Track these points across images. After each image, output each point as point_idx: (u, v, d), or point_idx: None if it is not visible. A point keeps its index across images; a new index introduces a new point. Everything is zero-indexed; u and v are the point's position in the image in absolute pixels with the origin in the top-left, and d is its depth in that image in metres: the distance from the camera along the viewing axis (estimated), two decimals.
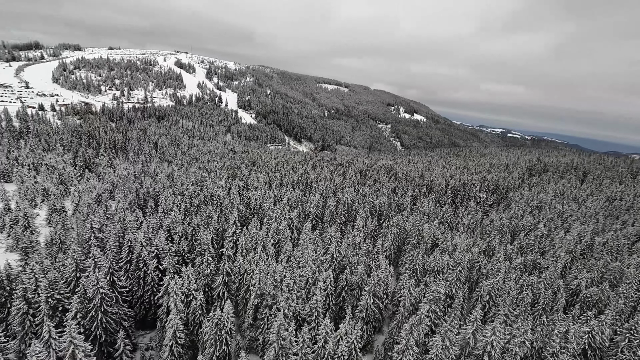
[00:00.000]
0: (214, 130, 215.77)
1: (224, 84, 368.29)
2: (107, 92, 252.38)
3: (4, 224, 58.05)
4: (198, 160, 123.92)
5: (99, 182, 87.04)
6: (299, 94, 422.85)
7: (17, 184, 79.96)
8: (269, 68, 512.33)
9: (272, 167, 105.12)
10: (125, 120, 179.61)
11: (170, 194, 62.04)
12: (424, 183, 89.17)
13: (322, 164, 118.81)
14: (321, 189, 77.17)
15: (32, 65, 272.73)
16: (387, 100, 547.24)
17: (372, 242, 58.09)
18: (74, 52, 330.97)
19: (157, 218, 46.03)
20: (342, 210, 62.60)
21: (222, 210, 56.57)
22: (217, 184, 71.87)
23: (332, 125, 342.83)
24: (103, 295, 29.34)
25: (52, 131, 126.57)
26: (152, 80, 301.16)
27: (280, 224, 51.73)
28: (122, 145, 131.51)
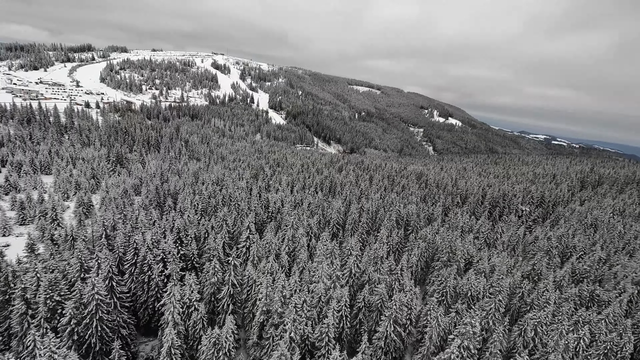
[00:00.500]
0: (244, 130, 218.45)
1: (256, 84, 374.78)
2: (148, 92, 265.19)
3: (34, 215, 59.79)
4: (224, 159, 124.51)
5: (129, 178, 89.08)
6: (329, 96, 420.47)
7: (54, 176, 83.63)
8: (301, 69, 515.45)
9: (296, 169, 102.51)
10: (161, 118, 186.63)
11: (190, 192, 60.98)
12: (458, 192, 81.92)
13: (349, 167, 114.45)
14: (345, 194, 72.99)
15: (84, 66, 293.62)
16: (421, 103, 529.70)
17: (396, 255, 53.07)
18: (121, 54, 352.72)
19: (171, 218, 44.53)
20: (365, 219, 58.06)
21: (239, 212, 54.31)
22: (238, 184, 70.16)
23: (362, 127, 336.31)
24: (99, 301, 27.47)
25: (93, 127, 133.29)
26: (189, 81, 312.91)
27: (297, 230, 48.33)
28: (155, 142, 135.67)
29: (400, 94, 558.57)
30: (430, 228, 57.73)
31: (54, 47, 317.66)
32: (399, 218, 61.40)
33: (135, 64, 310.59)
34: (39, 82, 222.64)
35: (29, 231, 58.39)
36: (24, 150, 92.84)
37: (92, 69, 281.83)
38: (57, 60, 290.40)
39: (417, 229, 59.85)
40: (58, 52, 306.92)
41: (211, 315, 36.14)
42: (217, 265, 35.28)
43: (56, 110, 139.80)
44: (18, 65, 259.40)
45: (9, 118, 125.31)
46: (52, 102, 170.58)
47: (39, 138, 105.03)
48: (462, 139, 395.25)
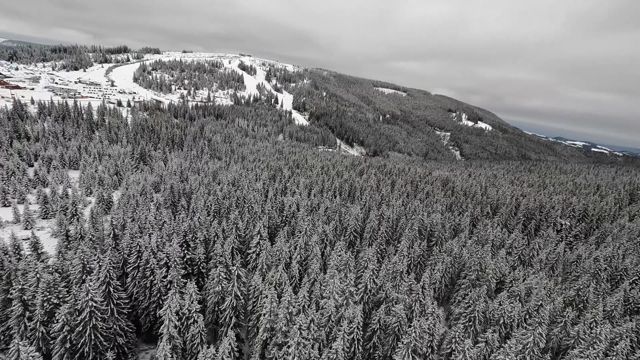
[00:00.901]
0: (267, 130, 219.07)
1: (281, 85, 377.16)
2: (176, 91, 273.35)
3: (56, 210, 60.84)
4: (245, 159, 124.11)
5: (150, 175, 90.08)
6: (354, 97, 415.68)
7: (80, 172, 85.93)
8: (326, 71, 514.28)
9: (315, 171, 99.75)
10: (187, 117, 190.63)
11: (204, 193, 59.73)
12: (488, 201, 75.68)
13: (370, 170, 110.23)
14: (365, 199, 69.24)
15: (119, 66, 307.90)
16: (448, 106, 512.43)
17: (417, 269, 48.80)
18: (154, 55, 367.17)
19: (180, 220, 43.05)
20: (385, 227, 54.11)
21: (252, 215, 52.17)
22: (254, 185, 68.34)
23: (386, 130, 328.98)
24: (94, 309, 25.84)
25: (122, 125, 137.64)
26: (216, 81, 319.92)
27: (311, 238, 45.37)
28: (179, 140, 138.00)
29: (427, 97, 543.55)
30: (456, 240, 52.86)
31: (94, 49, 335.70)
32: (422, 228, 56.89)
33: (166, 65, 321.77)
34: (78, 82, 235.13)
35: (50, 225, 59.46)
36: (55, 146, 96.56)
37: (127, 70, 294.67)
38: (95, 61, 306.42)
39: (442, 240, 55.10)
40: (97, 53, 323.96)
41: (214, 326, 33.94)
42: (222, 273, 33.00)
43: (89, 108, 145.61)
44: (61, 65, 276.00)
45: (47, 115, 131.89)
46: (87, 101, 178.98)
47: (71, 134, 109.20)
48: (492, 144, 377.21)
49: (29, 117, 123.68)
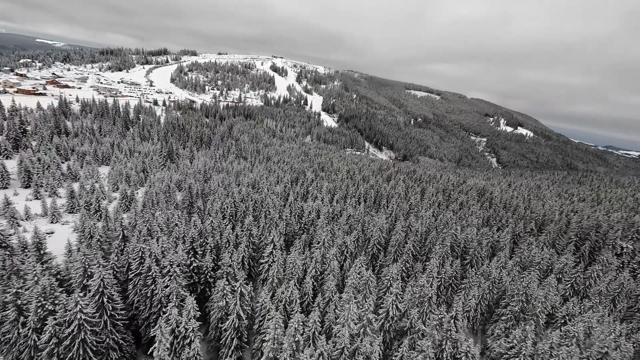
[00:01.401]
0: (295, 131, 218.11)
1: (311, 87, 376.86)
2: (210, 92, 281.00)
3: (81, 205, 61.67)
4: (269, 160, 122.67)
5: (175, 173, 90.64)
6: (385, 100, 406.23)
7: (110, 168, 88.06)
8: (357, 73, 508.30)
9: (340, 175, 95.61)
10: (218, 117, 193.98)
11: (222, 194, 57.71)
12: (532, 217, 67.42)
13: (399, 176, 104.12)
14: (391, 208, 64.07)
15: (158, 67, 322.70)
16: (485, 110, 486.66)
17: (449, 292, 43.13)
18: (191, 57, 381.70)
19: (192, 223, 40.86)
20: (413, 241, 48.84)
21: (268, 221, 49.13)
22: (274, 188, 65.54)
23: (417, 134, 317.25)
24: (83, 321, 23.65)
25: (155, 122, 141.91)
26: (248, 82, 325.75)
27: (330, 250, 41.35)
28: (207, 139, 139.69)
29: (462, 100, 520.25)
30: (495, 261, 46.43)
31: (137, 51, 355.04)
32: (455, 244, 50.89)
33: (201, 66, 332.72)
34: (120, 82, 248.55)
35: (74, 220, 60.17)
36: (91, 142, 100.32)
37: (165, 71, 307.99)
38: (138, 62, 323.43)
39: (478, 260, 48.80)
40: (139, 55, 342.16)
41: (216, 343, 30.96)
42: (226, 287, 29.94)
43: (127, 106, 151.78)
44: (107, 67, 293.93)
45: (88, 112, 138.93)
46: (126, 100, 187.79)
47: (106, 131, 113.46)
48: (533, 152, 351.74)
49: (72, 114, 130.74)
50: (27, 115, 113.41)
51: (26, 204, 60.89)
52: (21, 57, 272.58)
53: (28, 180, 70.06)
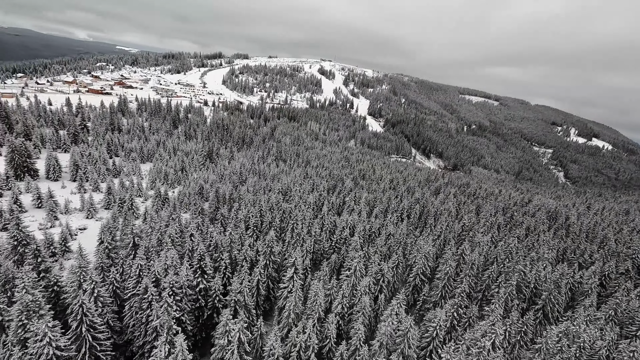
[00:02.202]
0: (338, 135, 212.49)
1: (358, 90, 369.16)
2: (257, 94, 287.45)
3: (115, 201, 61.72)
4: (308, 164, 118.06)
5: (212, 174, 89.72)
6: (436, 105, 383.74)
7: (152, 165, 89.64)
8: (407, 76, 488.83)
9: (382, 185, 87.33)
10: (262, 118, 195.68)
11: (250, 201, 53.38)
12: (628, 253, 53.22)
13: (449, 189, 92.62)
14: (439, 228, 54.76)
15: (212, 70, 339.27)
16: (552, 118, 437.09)
17: (516, 349, 33.43)
18: (243, 60, 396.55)
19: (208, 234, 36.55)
20: (467, 275, 39.69)
21: (294, 236, 43.38)
22: (306, 197, 59.87)
23: (470, 142, 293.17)
24: (52, 356, 19.67)
25: (201, 122, 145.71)
26: (295, 85, 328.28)
27: (362, 281, 34.27)
28: (249, 140, 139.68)
29: (524, 107, 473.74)
30: (580, 314, 35.48)
31: (195, 55, 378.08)
32: (523, 284, 40.54)
33: (252, 69, 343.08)
34: (177, 83, 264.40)
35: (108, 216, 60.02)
36: (139, 139, 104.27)
37: (218, 73, 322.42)
38: (194, 65, 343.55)
39: (554, 308, 38.02)
40: (197, 59, 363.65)
41: None
42: (229, 322, 24.53)
43: (178, 106, 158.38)
44: (167, 69, 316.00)
45: (143, 111, 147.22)
46: (180, 100, 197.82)
47: (155, 129, 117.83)
48: (612, 167, 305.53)
49: (129, 112, 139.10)
50: (90, 112, 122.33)
51: (67, 198, 62.54)
52: (98, 61, 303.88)
53: (76, 174, 72.85)
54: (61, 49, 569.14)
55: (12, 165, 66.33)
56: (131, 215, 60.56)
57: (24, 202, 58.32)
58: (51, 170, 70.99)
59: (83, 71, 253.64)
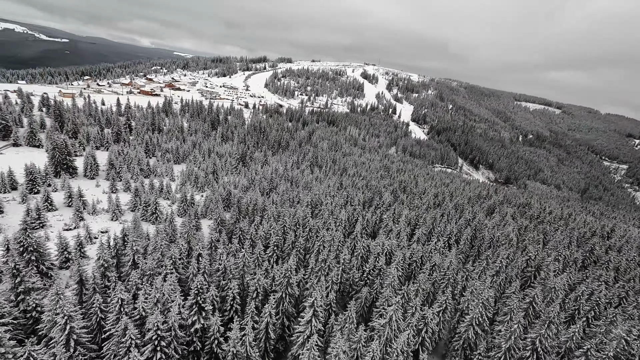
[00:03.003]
0: (379, 141, 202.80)
1: (402, 95, 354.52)
2: (298, 97, 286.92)
3: (138, 205, 59.82)
4: (345, 172, 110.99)
5: (243, 178, 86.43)
6: (487, 112, 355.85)
7: (185, 166, 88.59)
8: (455, 81, 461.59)
9: (426, 200, 77.45)
10: (301, 122, 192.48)
11: (273, 214, 47.68)
12: None
13: (505, 209, 79.93)
14: (498, 263, 44.58)
15: (256, 74, 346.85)
16: (628, 129, 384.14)
17: None
18: (286, 64, 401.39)
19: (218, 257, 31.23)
20: (542, 336, 29.96)
21: (319, 263, 36.59)
22: (338, 213, 52.87)
23: (526, 153, 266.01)
24: None
25: (239, 124, 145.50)
26: (336, 89, 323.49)
27: (398, 336, 26.47)
28: (285, 144, 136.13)
29: (592, 116, 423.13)
30: None
31: (241, 59, 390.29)
32: (623, 355, 29.75)
33: (294, 73, 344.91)
34: (222, 86, 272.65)
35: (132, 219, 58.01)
36: (177, 139, 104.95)
37: (261, 77, 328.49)
38: (240, 69, 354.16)
39: None
40: (242, 63, 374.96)
41: None
42: None
43: (219, 108, 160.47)
44: (214, 73, 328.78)
45: (186, 112, 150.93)
46: (222, 102, 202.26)
47: (193, 130, 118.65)
48: None
49: (172, 113, 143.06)
50: (136, 112, 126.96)
51: (98, 197, 62.01)
52: (153, 65, 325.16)
53: (111, 173, 73.13)
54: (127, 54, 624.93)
55: (52, 162, 67.84)
56: (154, 219, 58.27)
57: (57, 199, 58.49)
58: (88, 169, 71.92)
59: (139, 74, 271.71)
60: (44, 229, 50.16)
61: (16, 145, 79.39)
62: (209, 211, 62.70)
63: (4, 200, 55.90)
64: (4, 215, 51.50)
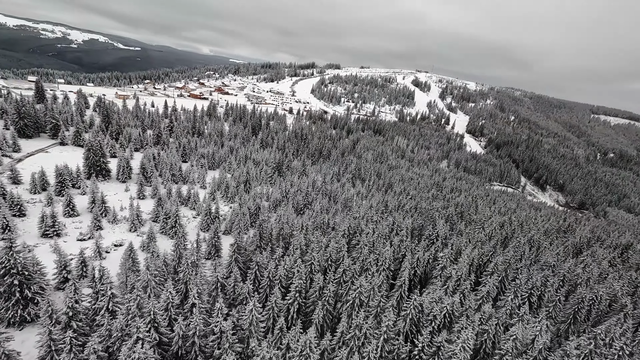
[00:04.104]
0: (429, 154, 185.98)
1: (456, 105, 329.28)
2: (344, 104, 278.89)
3: (160, 215, 54.76)
4: (391, 188, 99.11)
5: (277, 189, 79.38)
6: (556, 125, 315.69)
7: (219, 173, 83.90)
8: (519, 91, 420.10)
9: (490, 230, 63.10)
10: (346, 129, 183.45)
11: (300, 244, 38.51)
12: None
13: (597, 250, 62.32)
14: (608, 338, 30.53)
15: (303, 79, 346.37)
16: None
17: None
18: (334, 70, 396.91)
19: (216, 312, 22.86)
20: None
21: (353, 329, 26.49)
22: (380, 247, 42.14)
23: (606, 174, 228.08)
24: None
25: (281, 130, 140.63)
26: (385, 96, 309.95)
27: None
28: (327, 153, 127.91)
29: None
30: None
31: (290, 65, 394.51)
32: None
33: (342, 79, 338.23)
34: (268, 91, 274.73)
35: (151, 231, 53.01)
36: (215, 144, 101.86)
37: (308, 83, 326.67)
38: (287, 75, 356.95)
39: None
40: (290, 69, 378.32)
41: None
42: None
43: (263, 113, 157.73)
44: (263, 78, 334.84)
45: (229, 116, 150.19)
46: (267, 107, 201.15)
47: (232, 135, 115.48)
48: None
49: (215, 116, 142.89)
50: (181, 115, 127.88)
51: (123, 204, 58.51)
52: (207, 70, 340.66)
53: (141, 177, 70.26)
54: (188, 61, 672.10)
55: (86, 164, 66.46)
56: (173, 233, 52.63)
57: (81, 204, 55.76)
58: (120, 172, 69.76)
59: (194, 78, 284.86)
60: (59, 238, 46.73)
61: (63, 144, 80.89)
62: (234, 227, 55.86)
63: (30, 201, 54.32)
64: (25, 219, 49.21)
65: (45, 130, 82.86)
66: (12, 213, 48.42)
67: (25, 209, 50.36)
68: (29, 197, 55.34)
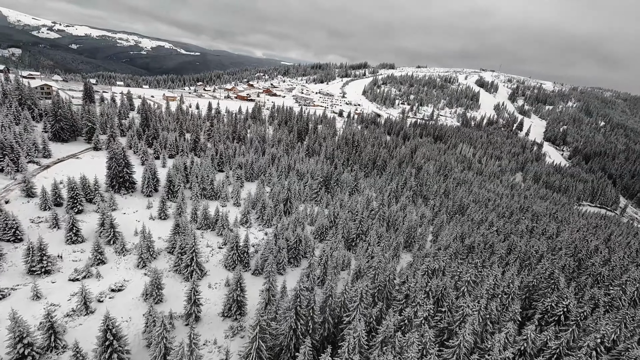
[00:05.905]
0: (500, 165, 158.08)
1: (530, 107, 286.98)
2: (399, 106, 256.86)
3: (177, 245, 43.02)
4: (463, 212, 78.96)
5: (323, 211, 64.82)
6: None
7: (256, 188, 71.18)
8: (609, 91, 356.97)
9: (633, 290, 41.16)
10: (402, 135, 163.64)
11: (359, 335, 22.93)
12: None
13: None
14: None
15: (355, 80, 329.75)
16: None
17: None
18: (388, 70, 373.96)
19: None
20: None
21: None
22: (467, 308, 24.81)
23: None
24: None
25: (329, 135, 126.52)
26: (444, 98, 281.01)
27: None
28: (382, 163, 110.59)
29: None
30: None
31: (341, 65, 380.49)
32: None
33: (396, 80, 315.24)
34: (318, 92, 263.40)
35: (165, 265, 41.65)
36: (256, 151, 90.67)
37: (359, 83, 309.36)
38: (338, 75, 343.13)
39: None
40: (341, 69, 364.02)
41: None
42: None
43: (310, 116, 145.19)
44: (312, 79, 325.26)
45: (274, 119, 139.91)
46: (315, 109, 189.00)
47: (275, 140, 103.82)
48: None
49: (259, 119, 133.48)
50: (225, 117, 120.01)
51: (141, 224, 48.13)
52: (257, 71, 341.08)
53: (167, 192, 60.43)
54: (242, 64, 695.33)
55: (109, 174, 58.17)
56: (189, 274, 40.48)
57: (92, 225, 46.60)
58: (145, 184, 60.53)
59: (244, 80, 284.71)
60: (48, 276, 37.01)
61: (96, 149, 75.35)
62: (267, 266, 42.21)
63: (36, 220, 46.27)
64: (20, 245, 40.48)
65: (82, 134, 78.22)
66: (6, 238, 40.08)
67: (23, 233, 41.81)
68: (37, 214, 47.49)
